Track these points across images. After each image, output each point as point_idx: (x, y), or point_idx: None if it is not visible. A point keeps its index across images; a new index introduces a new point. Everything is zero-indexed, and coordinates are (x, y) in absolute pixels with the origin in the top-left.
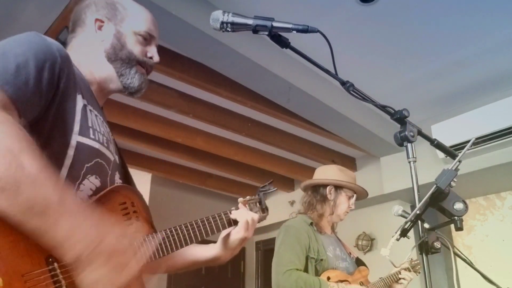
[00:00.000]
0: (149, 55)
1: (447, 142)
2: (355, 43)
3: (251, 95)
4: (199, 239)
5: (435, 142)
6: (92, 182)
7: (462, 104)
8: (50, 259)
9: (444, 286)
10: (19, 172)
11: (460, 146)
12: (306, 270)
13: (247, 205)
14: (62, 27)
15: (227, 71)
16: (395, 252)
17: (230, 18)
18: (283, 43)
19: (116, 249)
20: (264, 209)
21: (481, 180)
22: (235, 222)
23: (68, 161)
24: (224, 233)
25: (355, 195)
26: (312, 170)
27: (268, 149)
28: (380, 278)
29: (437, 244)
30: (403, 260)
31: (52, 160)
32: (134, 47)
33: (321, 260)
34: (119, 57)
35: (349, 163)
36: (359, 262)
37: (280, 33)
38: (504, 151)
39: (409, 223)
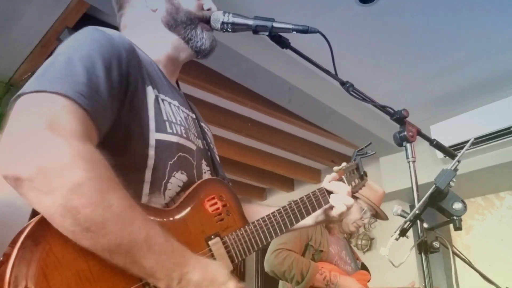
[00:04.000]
0: (206, 7)
1: (446, 142)
2: (354, 43)
3: (251, 95)
4: (296, 224)
5: (434, 142)
6: (178, 178)
7: (461, 104)
8: None
9: (443, 286)
10: (107, 212)
11: (459, 146)
12: (303, 256)
13: (343, 175)
14: (63, 28)
15: (227, 71)
16: (394, 251)
17: (231, 19)
18: (283, 43)
19: (200, 284)
20: (363, 176)
21: (480, 180)
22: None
23: (150, 162)
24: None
25: (366, 210)
26: (312, 170)
27: (268, 149)
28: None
29: (436, 244)
30: (402, 259)
31: (134, 164)
32: (189, 4)
33: (321, 251)
34: (179, 21)
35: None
36: (364, 268)
37: (280, 33)
38: (503, 151)
39: (408, 222)
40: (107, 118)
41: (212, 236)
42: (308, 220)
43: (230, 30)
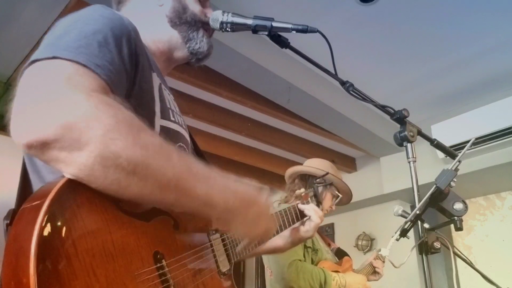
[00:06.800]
0: (208, 15)
1: (447, 142)
2: (354, 43)
3: (251, 95)
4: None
5: (435, 142)
6: None
7: (462, 104)
8: (158, 256)
9: (444, 286)
10: (146, 150)
11: (460, 146)
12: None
13: (309, 198)
14: None
15: (227, 71)
16: (395, 252)
17: (230, 18)
18: (283, 43)
19: (250, 203)
20: (319, 203)
21: (481, 180)
22: (302, 216)
23: None
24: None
25: (339, 197)
26: None
27: (268, 149)
28: (358, 269)
29: (437, 244)
30: (403, 260)
31: None
32: (195, 7)
33: (317, 250)
34: (184, 20)
35: (349, 163)
36: (341, 253)
37: (280, 33)
38: (504, 151)
39: (409, 223)
40: (120, 90)
41: (213, 232)
42: (278, 240)
43: (229, 30)
